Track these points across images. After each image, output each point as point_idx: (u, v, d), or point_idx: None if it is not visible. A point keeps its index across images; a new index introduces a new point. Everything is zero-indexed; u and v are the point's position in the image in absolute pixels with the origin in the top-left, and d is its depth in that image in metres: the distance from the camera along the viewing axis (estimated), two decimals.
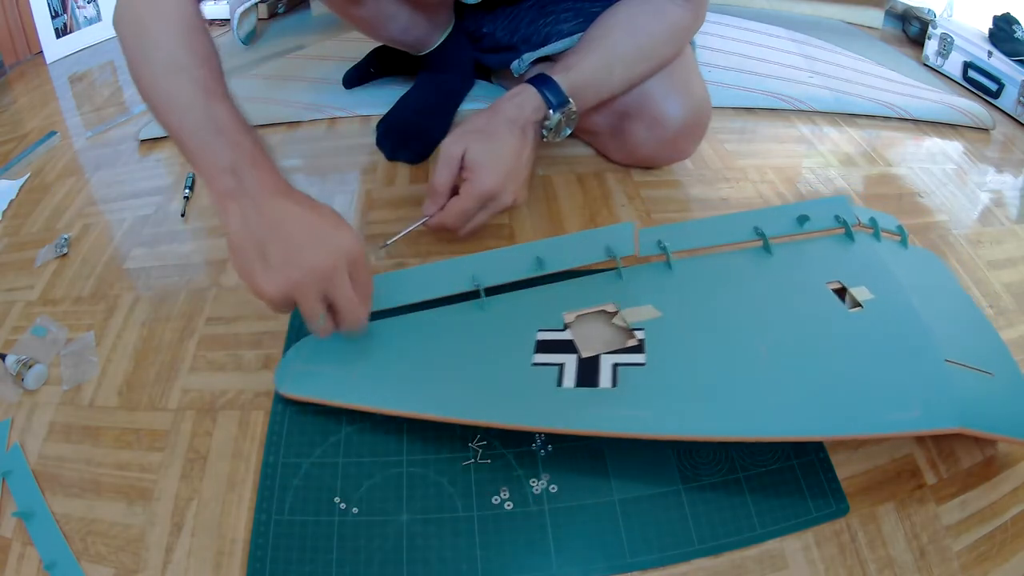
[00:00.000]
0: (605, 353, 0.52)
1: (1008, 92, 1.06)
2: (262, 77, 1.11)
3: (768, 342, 0.52)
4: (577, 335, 0.54)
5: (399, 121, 0.90)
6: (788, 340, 0.52)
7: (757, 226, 0.62)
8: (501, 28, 0.88)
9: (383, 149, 0.88)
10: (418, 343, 0.56)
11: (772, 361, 0.50)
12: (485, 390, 0.51)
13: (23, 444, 0.55)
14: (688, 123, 0.76)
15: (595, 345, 0.53)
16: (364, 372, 0.54)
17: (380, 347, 0.56)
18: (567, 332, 0.54)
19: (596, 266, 0.61)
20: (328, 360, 0.56)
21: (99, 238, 0.78)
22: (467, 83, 0.97)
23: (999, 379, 0.52)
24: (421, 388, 0.53)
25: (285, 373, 0.56)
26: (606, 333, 0.55)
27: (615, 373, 0.50)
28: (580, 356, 0.52)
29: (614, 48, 0.69)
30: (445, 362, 0.54)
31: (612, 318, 0.56)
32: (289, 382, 0.55)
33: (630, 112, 0.76)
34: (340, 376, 0.54)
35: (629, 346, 0.52)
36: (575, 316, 0.56)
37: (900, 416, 0.46)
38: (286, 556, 0.46)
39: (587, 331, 0.55)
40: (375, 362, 0.55)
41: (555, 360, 0.52)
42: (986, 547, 0.47)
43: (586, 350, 0.53)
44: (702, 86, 0.78)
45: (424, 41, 0.89)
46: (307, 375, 0.55)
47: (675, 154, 0.82)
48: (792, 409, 0.47)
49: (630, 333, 0.54)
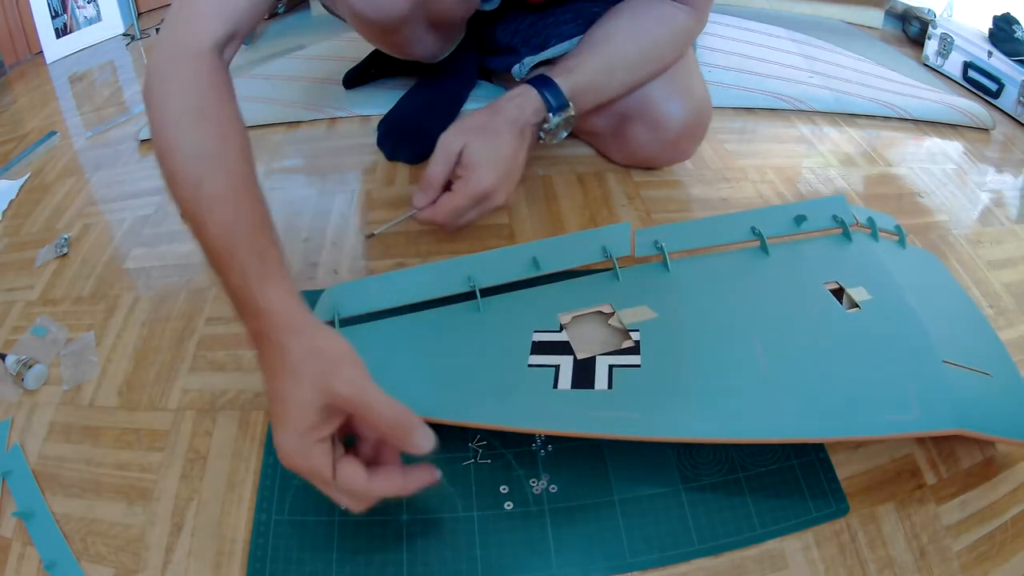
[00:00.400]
0: (601, 355, 0.52)
1: (1008, 92, 1.06)
2: (262, 77, 1.11)
3: (765, 343, 0.52)
4: (573, 336, 0.54)
5: (400, 121, 0.89)
6: (785, 341, 0.52)
7: (754, 226, 0.61)
8: (502, 29, 0.87)
9: (383, 149, 0.88)
10: (413, 344, 0.56)
11: (768, 362, 0.50)
12: (480, 392, 0.51)
13: (23, 444, 0.55)
14: (689, 124, 0.76)
15: (591, 347, 0.53)
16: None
17: (375, 349, 0.55)
18: (563, 333, 0.54)
19: (593, 267, 0.61)
20: None
21: (99, 238, 0.78)
22: (469, 84, 0.97)
23: (997, 380, 0.52)
24: (416, 390, 0.52)
25: None
26: (602, 334, 0.55)
27: (611, 374, 0.50)
28: (576, 358, 0.52)
29: (616, 52, 0.68)
30: (440, 364, 0.54)
31: (608, 319, 0.56)
32: None
33: (631, 114, 0.76)
34: None
35: (625, 347, 0.52)
36: (571, 317, 0.56)
37: (897, 417, 0.46)
38: (286, 556, 0.46)
39: (583, 332, 0.55)
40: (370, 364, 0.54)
41: (551, 361, 0.52)
42: (986, 547, 0.47)
43: (582, 352, 0.52)
44: (703, 87, 0.78)
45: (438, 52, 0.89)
46: None
47: (676, 155, 0.82)
48: (788, 411, 0.47)
49: (626, 334, 0.53)
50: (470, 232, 0.72)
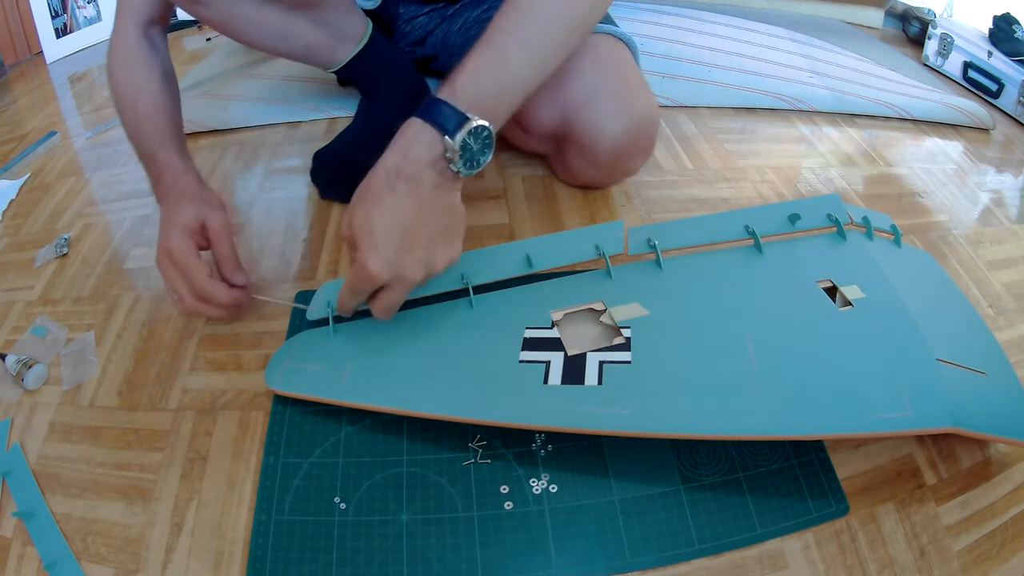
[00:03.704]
0: (591, 351, 0.52)
1: (1008, 92, 1.06)
2: (262, 77, 1.11)
3: (757, 340, 0.51)
4: (564, 333, 0.54)
5: (331, 155, 0.81)
6: (777, 338, 0.52)
7: (748, 225, 0.61)
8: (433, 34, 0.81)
9: (316, 185, 0.81)
10: (406, 340, 0.56)
11: (760, 359, 0.50)
12: (471, 387, 0.52)
13: (23, 444, 0.55)
14: (624, 144, 0.69)
15: (581, 343, 0.53)
16: (353, 369, 0.54)
17: (368, 344, 0.56)
18: (554, 330, 0.55)
19: (585, 265, 0.61)
20: (317, 357, 0.56)
21: (99, 238, 0.78)
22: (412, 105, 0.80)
23: (993, 379, 0.52)
24: (408, 385, 0.53)
25: (275, 369, 0.57)
26: (593, 331, 0.55)
27: (601, 370, 0.51)
28: (566, 354, 0.52)
29: (501, 29, 0.51)
30: (432, 359, 0.54)
31: (599, 316, 0.56)
32: (279, 378, 0.56)
33: (564, 138, 0.71)
34: (328, 373, 0.55)
35: (615, 344, 0.53)
36: (563, 314, 0.56)
37: (890, 415, 0.46)
38: (286, 556, 0.46)
39: (574, 329, 0.55)
40: (363, 359, 0.55)
41: (541, 357, 0.52)
42: (986, 547, 0.47)
43: (572, 348, 0.53)
44: (643, 97, 0.68)
45: (326, 54, 0.77)
46: (296, 372, 0.56)
47: (616, 176, 0.77)
48: (780, 408, 0.47)
49: (617, 331, 0.54)
50: (469, 232, 0.71)
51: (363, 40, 0.78)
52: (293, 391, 0.55)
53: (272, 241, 0.74)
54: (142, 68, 0.66)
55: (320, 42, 0.75)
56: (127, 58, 0.67)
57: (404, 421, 0.53)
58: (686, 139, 0.92)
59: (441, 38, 0.88)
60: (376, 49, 0.80)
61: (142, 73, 0.66)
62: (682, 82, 1.05)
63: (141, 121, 0.64)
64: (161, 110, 0.65)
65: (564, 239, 0.62)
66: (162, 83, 0.66)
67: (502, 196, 0.79)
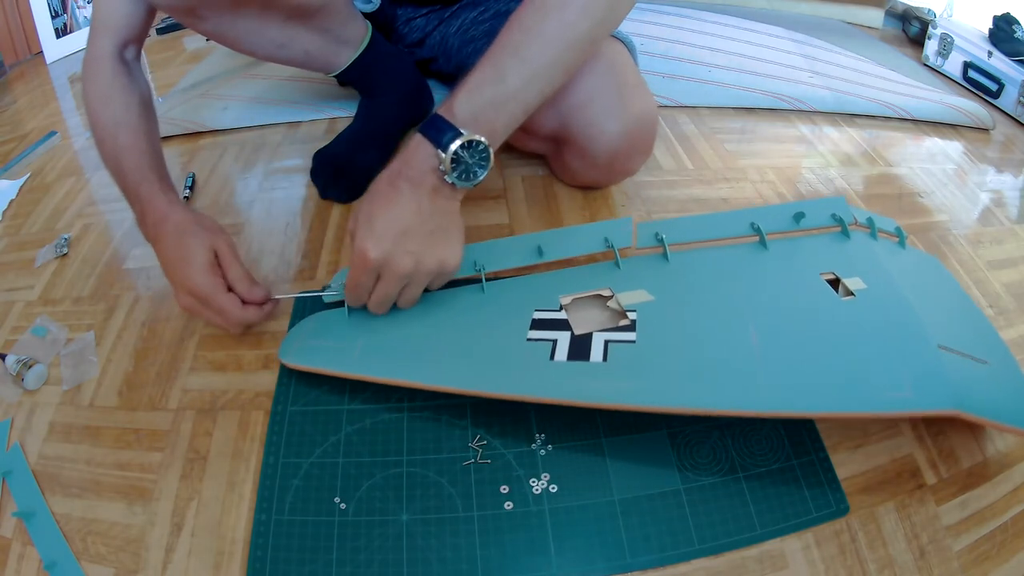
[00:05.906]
0: (597, 331, 0.53)
1: (1008, 92, 1.06)
2: (262, 77, 1.11)
3: (759, 325, 0.52)
4: (572, 315, 0.56)
5: (331, 155, 0.81)
6: (779, 323, 0.52)
7: (754, 222, 0.62)
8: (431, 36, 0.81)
9: (316, 185, 0.81)
10: (417, 320, 0.57)
11: (762, 341, 0.50)
12: (480, 363, 0.53)
13: (23, 444, 0.55)
14: (622, 145, 0.68)
15: (588, 324, 0.54)
16: (365, 345, 0.55)
17: (381, 323, 0.57)
18: (562, 312, 0.56)
19: (594, 258, 0.62)
20: (332, 335, 0.57)
21: (99, 238, 0.78)
22: (412, 105, 0.85)
23: (994, 368, 0.52)
24: (419, 360, 0.54)
25: (289, 345, 0.58)
26: (600, 313, 0.56)
27: (606, 348, 0.51)
28: (573, 333, 0.53)
29: (502, 46, 0.52)
30: (443, 337, 0.55)
31: (607, 301, 0.57)
32: (293, 354, 0.57)
33: (562, 139, 0.70)
34: (343, 349, 0.56)
35: (621, 325, 0.53)
36: (571, 299, 0.57)
37: (891, 395, 0.46)
38: (286, 556, 0.46)
39: (581, 311, 0.56)
40: (376, 337, 0.56)
41: (549, 336, 0.53)
42: (986, 547, 0.47)
43: (579, 328, 0.54)
44: (641, 98, 0.68)
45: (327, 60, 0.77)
46: (310, 348, 0.57)
47: (615, 176, 0.77)
48: (781, 386, 0.47)
49: (623, 314, 0.55)
50: (470, 232, 0.72)
51: (363, 43, 0.79)
52: (307, 365, 0.56)
53: (272, 241, 0.74)
54: (120, 97, 0.64)
55: (320, 48, 0.75)
56: (104, 89, 0.64)
57: (404, 421, 0.53)
58: (686, 139, 0.92)
59: (439, 40, 0.88)
60: (376, 51, 0.80)
61: (120, 103, 0.64)
62: (682, 82, 1.05)
63: (121, 153, 0.62)
64: (143, 140, 0.63)
65: (575, 232, 0.63)
66: (141, 113, 0.65)
67: (502, 196, 0.79)
